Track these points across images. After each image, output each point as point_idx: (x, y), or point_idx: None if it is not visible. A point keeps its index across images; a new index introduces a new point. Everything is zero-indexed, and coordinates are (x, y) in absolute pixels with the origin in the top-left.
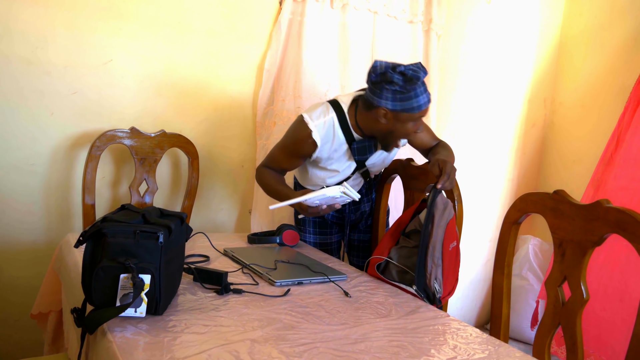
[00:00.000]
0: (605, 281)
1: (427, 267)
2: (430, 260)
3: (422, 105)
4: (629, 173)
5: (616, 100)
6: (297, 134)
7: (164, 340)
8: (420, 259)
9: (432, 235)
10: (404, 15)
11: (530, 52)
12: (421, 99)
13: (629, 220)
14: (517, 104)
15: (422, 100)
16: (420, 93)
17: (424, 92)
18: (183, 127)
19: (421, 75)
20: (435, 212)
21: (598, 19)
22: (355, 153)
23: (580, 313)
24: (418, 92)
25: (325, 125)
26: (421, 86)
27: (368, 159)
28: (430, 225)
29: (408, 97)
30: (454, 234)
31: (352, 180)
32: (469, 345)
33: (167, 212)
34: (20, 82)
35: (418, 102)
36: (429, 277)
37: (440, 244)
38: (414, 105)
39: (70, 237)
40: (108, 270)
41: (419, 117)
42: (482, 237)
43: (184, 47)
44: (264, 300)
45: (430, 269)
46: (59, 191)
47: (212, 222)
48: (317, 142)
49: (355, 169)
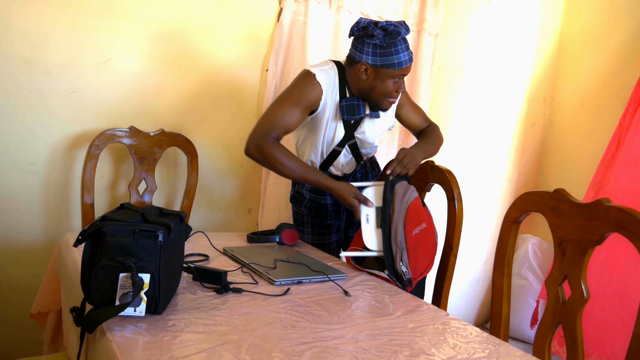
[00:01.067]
0: (604, 282)
1: (392, 250)
2: (394, 244)
3: (402, 62)
4: (630, 174)
5: (615, 100)
6: (300, 81)
7: (164, 339)
8: (385, 243)
9: (393, 220)
10: (395, 16)
11: (529, 51)
12: (402, 55)
13: (629, 219)
14: (517, 103)
15: (402, 57)
16: (401, 50)
17: (405, 49)
18: (182, 126)
19: (402, 31)
20: (395, 197)
21: (597, 18)
22: (344, 111)
23: (581, 312)
24: (399, 48)
25: (328, 73)
26: (402, 43)
27: (357, 129)
28: (390, 209)
29: (388, 53)
30: (419, 218)
31: (344, 157)
32: (469, 344)
33: (166, 211)
34: (19, 81)
35: (398, 58)
36: (394, 260)
37: (402, 228)
38: (394, 62)
39: (69, 236)
40: (107, 269)
41: (400, 75)
42: (481, 236)
43: (182, 47)
44: (264, 299)
45: (394, 252)
46: (58, 190)
47: (211, 221)
48: (322, 86)
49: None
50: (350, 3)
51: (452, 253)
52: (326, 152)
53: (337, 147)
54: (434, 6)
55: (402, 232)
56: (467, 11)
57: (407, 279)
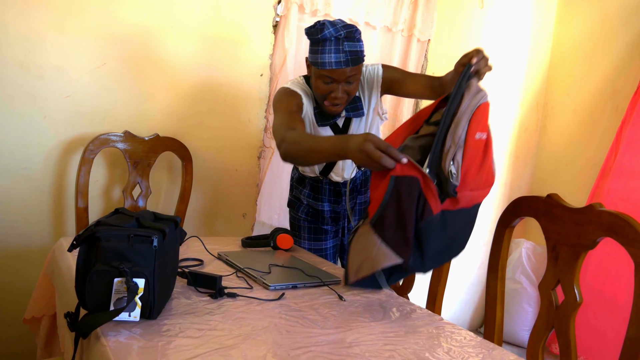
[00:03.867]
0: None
1: (446, 144)
2: (450, 138)
3: (326, 63)
4: (625, 185)
5: (608, 105)
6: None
7: (158, 344)
8: (440, 134)
9: (459, 112)
10: (383, 23)
11: (523, 57)
12: (326, 56)
13: (621, 224)
14: (510, 108)
15: (326, 58)
16: (328, 51)
17: (332, 51)
18: (177, 130)
19: (327, 32)
20: (467, 90)
21: (590, 25)
22: (317, 118)
23: (574, 316)
24: (325, 49)
25: (300, 84)
26: (331, 45)
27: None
28: (459, 101)
29: (315, 50)
30: (484, 124)
31: (342, 162)
32: (463, 348)
33: (161, 216)
34: (13, 86)
35: (322, 58)
36: (444, 156)
37: (466, 123)
38: (318, 60)
39: (63, 241)
40: (102, 274)
41: (327, 76)
42: (475, 240)
43: (177, 51)
44: (258, 304)
45: (448, 147)
46: (52, 195)
47: (206, 225)
48: (298, 92)
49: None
50: (338, 10)
51: None
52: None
53: None
54: (426, 12)
55: (464, 127)
56: (460, 17)
57: (452, 186)
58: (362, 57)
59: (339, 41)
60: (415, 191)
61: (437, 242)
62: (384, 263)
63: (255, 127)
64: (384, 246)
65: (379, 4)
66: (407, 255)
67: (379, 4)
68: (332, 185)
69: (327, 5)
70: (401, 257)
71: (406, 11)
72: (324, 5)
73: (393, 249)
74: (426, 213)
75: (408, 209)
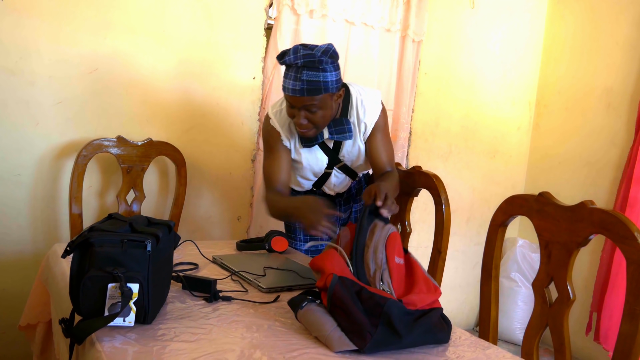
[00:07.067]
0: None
1: (370, 268)
2: (372, 263)
3: (285, 88)
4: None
5: (599, 103)
6: (264, 126)
7: (153, 349)
8: (359, 263)
9: (373, 241)
10: (380, 23)
11: (514, 56)
12: (286, 82)
13: (612, 221)
14: (502, 107)
15: (286, 83)
16: (288, 77)
17: (291, 78)
18: (170, 135)
19: (286, 59)
20: (375, 227)
21: (580, 23)
22: (301, 140)
23: (567, 313)
24: (287, 74)
25: (281, 112)
26: (291, 71)
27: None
28: (369, 232)
29: (285, 74)
30: (399, 250)
31: (335, 178)
32: (458, 347)
33: (154, 221)
34: (4, 92)
35: (284, 82)
36: (372, 280)
37: (383, 247)
38: (283, 84)
39: (57, 247)
40: (96, 280)
41: (290, 100)
42: (469, 240)
43: (169, 56)
44: (254, 307)
45: (373, 270)
46: (45, 201)
47: (200, 229)
48: (276, 127)
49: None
50: (334, 11)
51: (440, 257)
52: (316, 175)
53: (327, 170)
54: (418, 12)
55: (382, 251)
56: (451, 17)
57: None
58: (325, 87)
59: (298, 69)
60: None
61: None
62: (338, 348)
63: (248, 130)
64: (338, 331)
65: (374, 4)
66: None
67: (374, 4)
68: (325, 195)
69: (323, 7)
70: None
71: (401, 12)
72: (320, 6)
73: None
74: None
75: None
